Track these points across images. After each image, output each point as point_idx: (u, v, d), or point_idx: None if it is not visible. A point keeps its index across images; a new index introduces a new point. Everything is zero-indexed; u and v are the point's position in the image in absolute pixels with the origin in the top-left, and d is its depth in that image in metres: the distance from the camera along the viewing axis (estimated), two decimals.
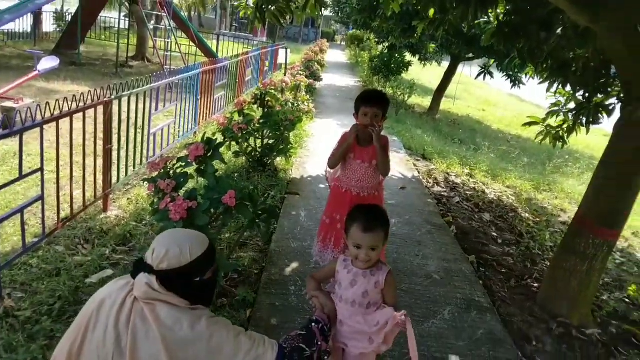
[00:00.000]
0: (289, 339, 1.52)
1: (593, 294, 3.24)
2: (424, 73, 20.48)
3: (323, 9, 4.46)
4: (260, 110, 5.14)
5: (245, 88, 9.68)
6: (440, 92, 12.57)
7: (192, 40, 12.71)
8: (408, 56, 13.40)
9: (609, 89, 4.19)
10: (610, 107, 4.24)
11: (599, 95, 4.36)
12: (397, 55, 12.81)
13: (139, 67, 12.75)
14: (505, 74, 9.89)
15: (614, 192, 2.95)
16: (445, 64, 13.02)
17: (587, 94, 4.45)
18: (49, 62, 6.22)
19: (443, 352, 2.57)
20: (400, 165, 6.31)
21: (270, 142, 5.11)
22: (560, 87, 4.61)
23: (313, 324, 1.61)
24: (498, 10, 4.54)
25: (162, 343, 1.28)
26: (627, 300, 3.77)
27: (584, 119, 4.60)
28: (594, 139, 11.59)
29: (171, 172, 2.74)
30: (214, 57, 10.31)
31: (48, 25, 16.19)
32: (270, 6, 4.02)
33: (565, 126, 4.92)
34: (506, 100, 21.55)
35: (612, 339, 3.07)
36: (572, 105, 4.74)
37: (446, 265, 3.58)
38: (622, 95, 3.75)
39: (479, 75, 10.45)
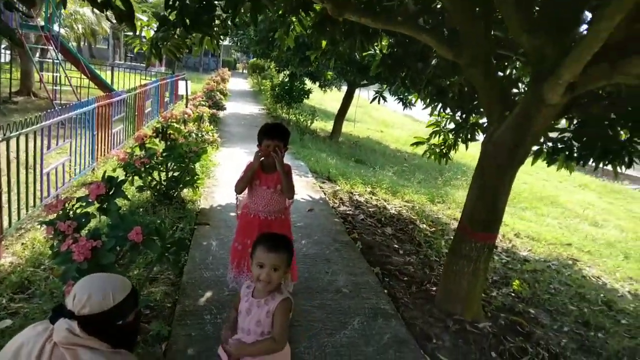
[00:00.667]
0: None
1: (481, 291, 3.66)
2: (326, 98, 21.34)
3: (222, 39, 4.61)
4: (163, 143, 5.11)
5: (146, 120, 9.44)
6: (340, 116, 13.23)
7: (83, 72, 12.11)
8: (308, 83, 13.97)
9: (482, 110, 4.82)
10: (484, 126, 4.86)
11: (474, 115, 5.01)
12: (297, 83, 13.29)
13: (24, 102, 11.84)
14: (396, 97, 10.74)
15: (486, 202, 3.39)
16: (345, 89, 13.77)
17: (464, 115, 5.09)
18: None
19: (354, 359, 2.77)
20: (307, 188, 6.56)
21: (176, 174, 5.08)
22: (441, 110, 5.21)
23: None
24: (383, 43, 5.04)
25: None
26: (512, 294, 4.29)
27: (463, 137, 5.24)
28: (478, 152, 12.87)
29: (70, 212, 2.68)
30: (109, 90, 9.93)
31: None
32: (165, 42, 4.09)
33: (446, 144, 5.55)
34: (402, 121, 23.14)
35: (501, 329, 3.48)
36: (452, 125, 5.36)
37: (354, 279, 3.82)
38: None
39: (373, 99, 11.17)
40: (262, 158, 2.84)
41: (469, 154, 9.19)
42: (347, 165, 8.83)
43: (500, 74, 4.26)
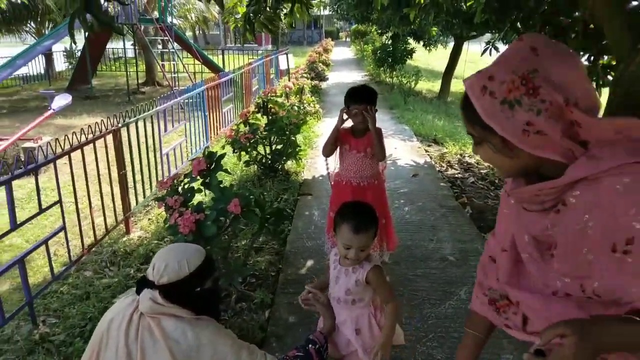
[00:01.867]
0: (287, 359, 1.58)
1: None
2: (431, 57, 20.30)
3: (323, 8, 4.52)
4: (265, 118, 5.25)
5: (253, 98, 9.84)
6: (448, 74, 12.45)
7: (196, 58, 12.98)
8: (412, 43, 13.35)
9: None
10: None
11: (605, 58, 4.29)
12: (400, 44, 12.76)
13: (150, 92, 13.10)
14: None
15: None
16: (452, 45, 12.91)
17: (591, 58, 4.39)
18: (61, 100, 6.48)
19: (460, 331, 2.59)
20: (411, 152, 6.31)
21: (279, 147, 5.21)
22: None
23: (310, 345, 1.65)
24: None
25: (169, 355, 1.36)
26: None
27: (594, 83, 4.54)
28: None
29: (179, 188, 2.87)
30: (219, 72, 10.51)
31: (60, 64, 16.78)
32: (258, 16, 4.11)
33: None
34: None
35: None
36: None
37: (461, 246, 3.59)
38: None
39: (484, 51, 10.29)
40: (350, 121, 2.76)
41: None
42: (455, 126, 8.31)
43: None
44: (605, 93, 4.65)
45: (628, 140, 0.85)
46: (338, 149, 2.93)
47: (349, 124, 2.85)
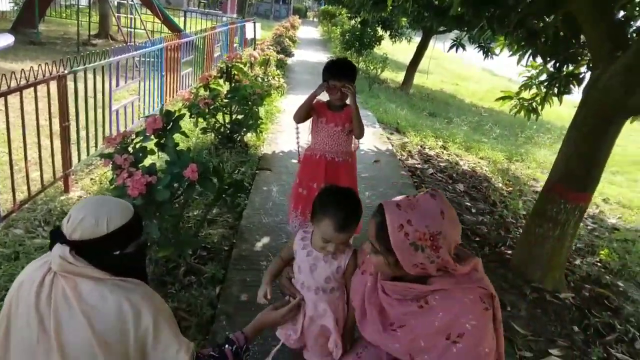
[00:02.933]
0: (200, 357, 1.37)
1: (565, 258, 3.26)
2: (395, 49, 20.35)
3: None
4: (227, 84, 4.97)
5: (214, 65, 9.40)
6: (413, 66, 12.50)
7: (157, 16, 12.24)
8: (380, 31, 13.25)
9: (579, 58, 4.18)
10: (580, 76, 4.23)
11: (569, 66, 4.35)
12: (368, 30, 12.64)
13: (102, 45, 12.23)
14: (477, 45, 9.85)
15: (584, 157, 2.95)
16: (416, 41, 12.95)
17: (557, 64, 4.44)
18: (2, 40, 5.86)
19: None
20: (374, 139, 6.24)
21: (239, 117, 4.96)
22: (530, 58, 4.58)
23: (227, 346, 1.46)
24: None
25: (86, 323, 1.15)
26: (599, 264, 3.83)
27: (556, 90, 4.60)
28: (565, 110, 11.76)
29: (130, 147, 2.60)
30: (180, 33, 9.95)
31: (4, 2, 15.35)
32: None
33: (537, 98, 4.92)
34: (479, 75, 21.65)
35: (585, 302, 3.11)
36: (543, 77, 4.73)
37: None
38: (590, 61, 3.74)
39: (451, 47, 10.35)
40: (325, 95, 2.61)
41: (552, 111, 8.35)
42: (418, 118, 8.33)
43: None
44: (563, 104, 4.80)
45: (474, 271, 1.30)
46: (312, 122, 2.77)
47: (324, 97, 2.69)
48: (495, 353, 1.27)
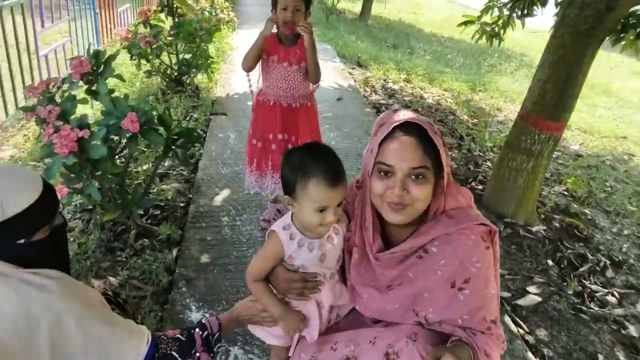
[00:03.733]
0: (165, 340, 1.19)
1: (538, 190, 3.18)
2: None
3: None
4: (170, 19, 4.44)
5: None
6: None
7: None
8: None
9: None
10: None
11: None
12: None
13: None
14: None
15: (559, 82, 2.78)
16: None
17: None
18: None
19: None
20: (335, 74, 5.89)
21: (187, 57, 4.49)
22: None
23: (197, 330, 1.28)
24: None
25: None
26: (565, 193, 3.81)
27: (519, 12, 4.37)
28: (524, 37, 11.63)
29: (56, 96, 2.21)
30: None
31: None
32: None
33: (500, 22, 4.69)
34: (436, 3, 21.03)
35: (557, 233, 3.07)
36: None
37: None
38: None
39: None
40: (276, 27, 2.25)
41: (510, 38, 8.16)
42: (379, 50, 7.96)
43: None
44: (521, 31, 4.58)
45: (470, 207, 1.23)
46: (262, 62, 2.36)
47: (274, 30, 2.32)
48: None
